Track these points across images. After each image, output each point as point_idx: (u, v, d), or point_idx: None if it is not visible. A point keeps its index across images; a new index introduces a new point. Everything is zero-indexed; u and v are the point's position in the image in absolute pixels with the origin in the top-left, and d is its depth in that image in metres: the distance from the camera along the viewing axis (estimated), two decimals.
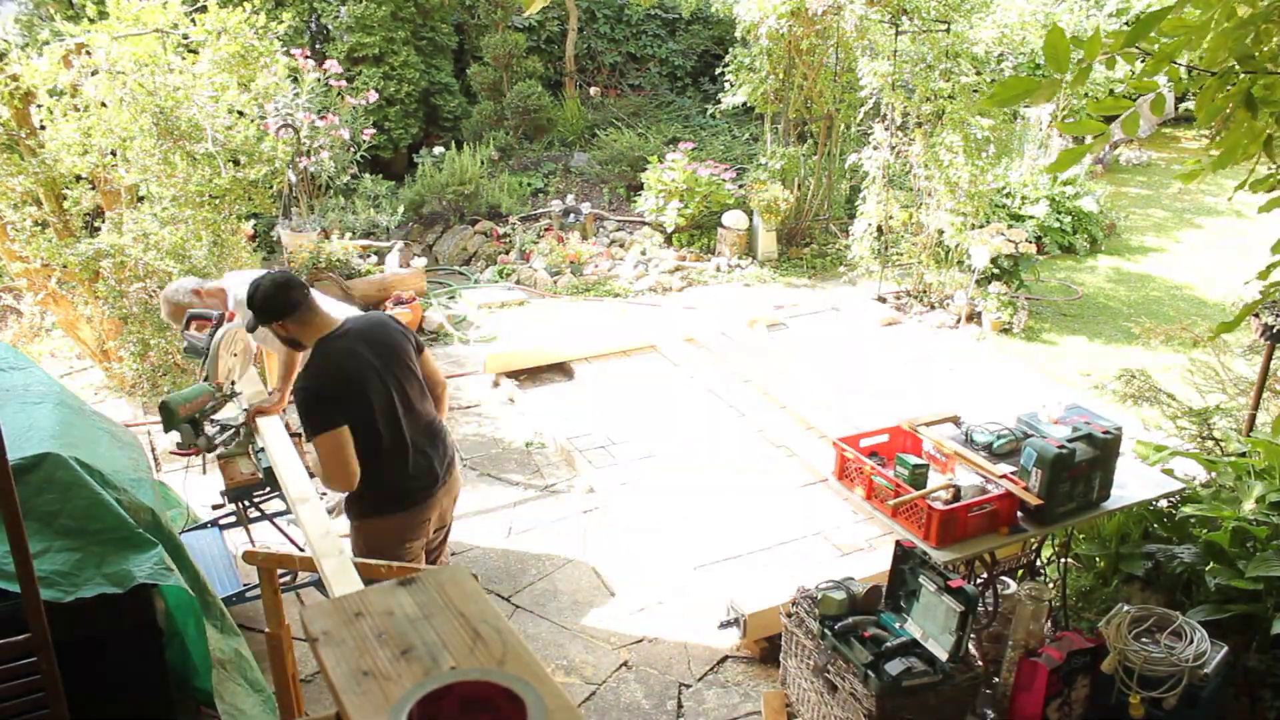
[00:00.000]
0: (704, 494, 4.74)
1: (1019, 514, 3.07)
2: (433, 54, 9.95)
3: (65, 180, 5.13)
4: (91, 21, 4.86)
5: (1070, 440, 3.05)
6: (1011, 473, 3.10)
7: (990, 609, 3.31)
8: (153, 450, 5.09)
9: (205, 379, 3.61)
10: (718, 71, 9.06)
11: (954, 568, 2.98)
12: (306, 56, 7.88)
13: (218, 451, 3.60)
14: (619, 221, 8.87)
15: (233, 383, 3.69)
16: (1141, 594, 3.41)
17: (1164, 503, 3.50)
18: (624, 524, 4.54)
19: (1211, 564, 3.16)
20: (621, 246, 8.41)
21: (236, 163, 5.23)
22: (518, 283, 7.77)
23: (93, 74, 4.91)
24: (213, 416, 3.57)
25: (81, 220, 5.41)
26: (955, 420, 3.52)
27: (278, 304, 2.94)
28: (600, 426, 5.41)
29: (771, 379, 5.86)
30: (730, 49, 8.50)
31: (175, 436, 3.52)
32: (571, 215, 8.47)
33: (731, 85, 8.41)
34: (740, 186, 8.48)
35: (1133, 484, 3.28)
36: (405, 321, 4.79)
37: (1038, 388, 5.88)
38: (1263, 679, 3.07)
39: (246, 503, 3.63)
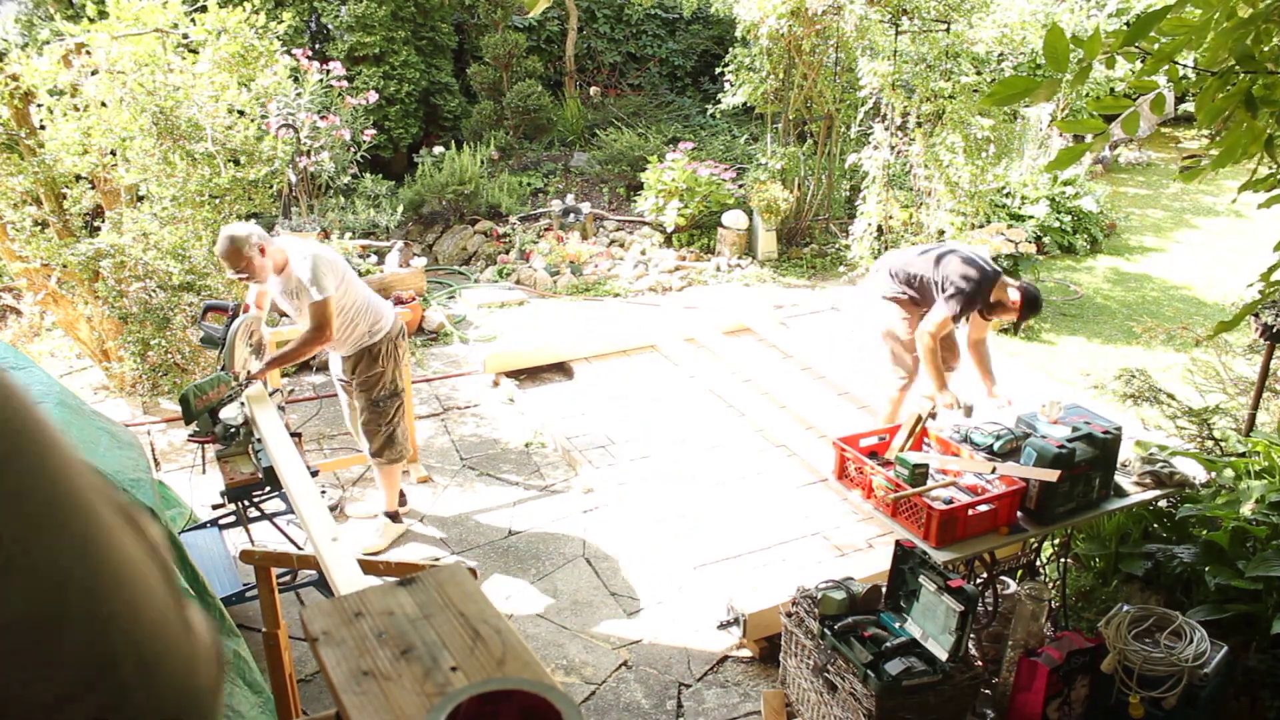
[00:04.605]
0: (704, 494, 4.74)
1: (1019, 514, 3.07)
2: (433, 54, 9.94)
3: (65, 180, 5.13)
4: (91, 21, 4.85)
5: (1070, 440, 3.05)
6: None
7: (990, 609, 3.31)
8: (153, 450, 5.09)
9: (222, 368, 3.68)
10: (717, 71, 9.06)
11: (954, 568, 2.98)
12: (309, 57, 7.88)
13: (219, 449, 3.63)
14: (619, 221, 8.87)
15: (249, 372, 3.77)
16: (1141, 594, 3.41)
17: (1164, 503, 3.50)
18: (623, 524, 4.54)
19: (1211, 564, 3.16)
20: (621, 246, 8.40)
21: (236, 162, 5.22)
22: (517, 282, 7.77)
23: (93, 74, 4.91)
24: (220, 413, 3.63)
25: (81, 220, 5.41)
26: (955, 415, 3.52)
27: None
28: (600, 426, 5.41)
29: (771, 379, 5.86)
30: (730, 49, 8.49)
31: (193, 427, 3.62)
32: (571, 215, 8.47)
33: (731, 85, 8.41)
34: (740, 186, 8.48)
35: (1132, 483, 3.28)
36: (405, 321, 4.81)
37: (1037, 387, 5.87)
38: (1263, 679, 3.07)
39: (246, 502, 3.63)
